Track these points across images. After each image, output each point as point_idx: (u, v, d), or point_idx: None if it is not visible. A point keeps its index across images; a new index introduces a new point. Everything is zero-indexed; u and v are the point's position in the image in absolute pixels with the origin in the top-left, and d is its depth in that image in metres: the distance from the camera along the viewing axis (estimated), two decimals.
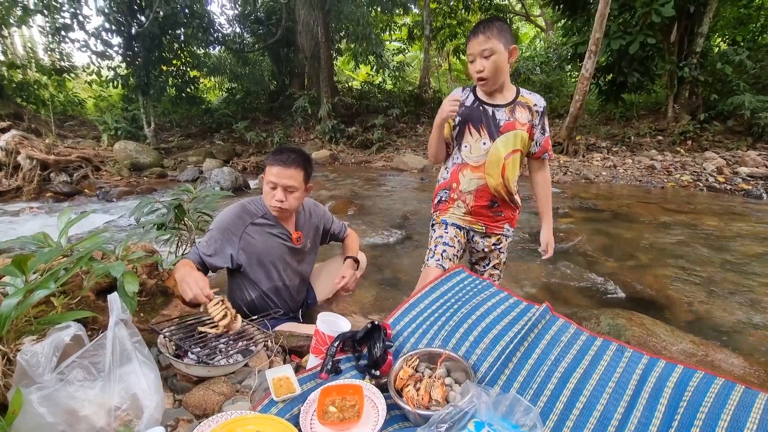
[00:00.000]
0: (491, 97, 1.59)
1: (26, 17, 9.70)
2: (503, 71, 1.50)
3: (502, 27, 1.46)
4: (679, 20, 8.15)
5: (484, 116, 1.58)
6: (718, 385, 0.91)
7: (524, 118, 1.58)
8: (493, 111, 1.58)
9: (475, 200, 1.63)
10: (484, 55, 1.46)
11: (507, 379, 1.04)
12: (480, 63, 1.48)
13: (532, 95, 1.62)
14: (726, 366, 1.52)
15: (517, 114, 1.58)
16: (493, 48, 1.45)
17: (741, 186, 5.94)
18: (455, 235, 1.67)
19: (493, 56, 1.46)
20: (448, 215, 1.70)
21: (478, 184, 1.62)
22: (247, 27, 13.01)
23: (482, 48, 1.45)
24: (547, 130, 1.65)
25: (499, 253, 1.75)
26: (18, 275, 0.95)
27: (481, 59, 1.47)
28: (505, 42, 1.46)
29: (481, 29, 1.46)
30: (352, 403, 0.97)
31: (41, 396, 0.75)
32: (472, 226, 1.69)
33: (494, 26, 1.45)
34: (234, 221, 1.62)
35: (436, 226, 1.73)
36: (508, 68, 1.52)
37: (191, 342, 1.20)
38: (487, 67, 1.47)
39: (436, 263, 1.63)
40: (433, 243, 1.69)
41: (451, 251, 1.64)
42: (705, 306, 2.46)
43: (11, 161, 6.40)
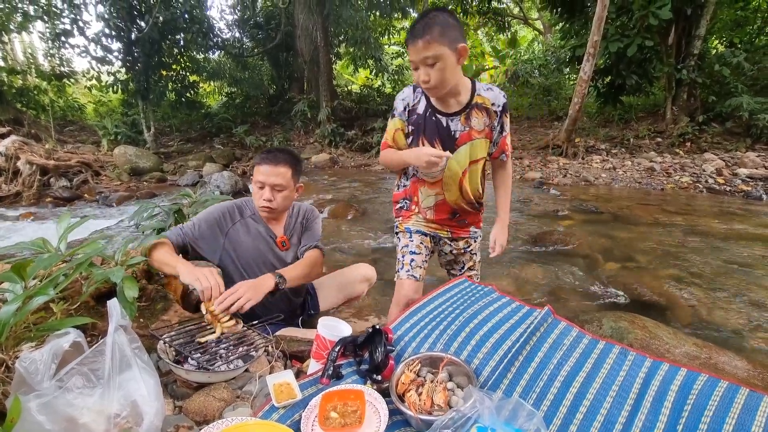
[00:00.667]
0: (444, 102, 1.41)
1: (26, 23, 9.73)
2: (452, 75, 1.30)
3: (445, 25, 1.23)
4: (677, 23, 8.19)
5: (438, 128, 1.43)
6: (722, 388, 0.91)
7: (481, 124, 1.43)
8: (447, 122, 1.42)
9: (436, 214, 1.57)
10: (427, 63, 1.26)
11: (509, 383, 1.03)
12: (424, 72, 1.27)
13: (490, 92, 1.44)
14: (730, 368, 1.51)
15: (473, 121, 1.42)
16: (437, 54, 1.24)
17: (741, 187, 5.94)
18: (421, 242, 1.59)
19: (437, 63, 1.25)
20: (411, 223, 1.62)
21: (437, 199, 1.54)
22: (247, 32, 13.07)
23: (423, 55, 1.25)
24: (506, 129, 1.50)
25: (471, 255, 1.68)
26: (17, 281, 0.94)
27: (425, 67, 1.27)
28: (449, 43, 1.24)
29: (420, 33, 1.23)
30: (353, 409, 0.97)
31: (40, 404, 0.74)
32: (437, 232, 1.63)
33: (435, 27, 1.22)
34: (222, 217, 1.60)
35: (401, 235, 1.64)
36: (458, 69, 1.32)
37: (191, 348, 1.19)
38: (432, 77, 1.27)
39: (407, 274, 1.56)
40: (401, 253, 1.61)
41: (419, 259, 1.57)
42: (707, 308, 2.45)
43: (11, 166, 6.40)
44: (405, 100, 1.47)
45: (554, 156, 8.50)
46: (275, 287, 1.44)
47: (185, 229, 1.55)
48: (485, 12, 13.57)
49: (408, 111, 1.47)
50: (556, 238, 3.70)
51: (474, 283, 1.45)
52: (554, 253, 3.51)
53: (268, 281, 1.42)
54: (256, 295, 1.34)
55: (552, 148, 8.72)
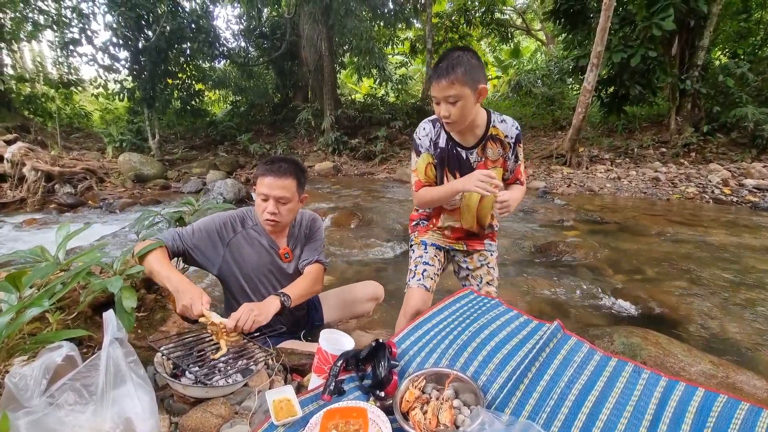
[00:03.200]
0: (462, 136, 1.51)
1: (36, 32, 9.90)
2: (471, 113, 1.39)
3: (469, 67, 1.30)
4: (680, 34, 8.22)
5: (459, 161, 1.52)
6: (743, 411, 0.86)
7: (495, 155, 1.52)
8: (467, 154, 1.51)
9: (453, 233, 1.67)
10: (449, 101, 1.34)
11: (518, 401, 0.99)
12: (445, 108, 1.36)
13: (504, 123, 1.51)
14: (748, 389, 1.45)
15: (488, 152, 1.51)
16: (459, 93, 1.32)
17: (748, 198, 5.88)
18: (435, 255, 1.67)
19: (459, 102, 1.33)
20: (427, 237, 1.71)
21: (453, 224, 1.65)
22: (252, 41, 13.24)
23: (446, 94, 1.33)
24: (520, 158, 1.58)
25: (489, 269, 1.69)
26: (12, 291, 0.91)
27: (447, 104, 1.35)
28: (471, 84, 1.32)
29: (444, 73, 1.31)
30: (356, 427, 0.92)
31: (29, 421, 0.71)
32: (452, 246, 1.69)
33: (459, 68, 1.29)
34: (223, 227, 1.55)
35: (415, 247, 1.72)
36: (476, 108, 1.41)
37: (190, 360, 1.15)
38: (453, 113, 1.36)
39: (418, 283, 1.61)
40: (413, 263, 1.67)
41: (431, 270, 1.63)
42: (718, 322, 2.39)
43: (16, 172, 6.44)
44: (428, 134, 1.54)
45: (558, 165, 8.47)
46: (281, 308, 1.42)
47: (183, 234, 1.49)
48: (488, 23, 13.70)
49: (432, 144, 1.54)
50: (561, 248, 3.65)
51: (480, 295, 1.41)
52: (560, 264, 3.46)
53: (274, 303, 1.41)
54: (264, 317, 1.33)
55: (556, 158, 8.70)
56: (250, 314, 1.27)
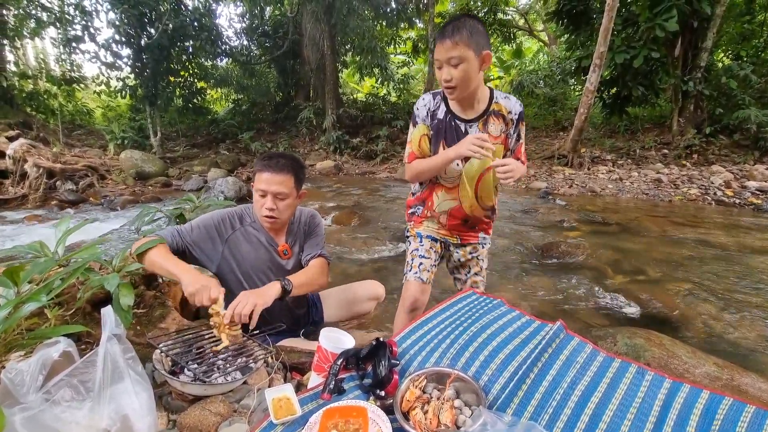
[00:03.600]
0: (463, 108, 1.46)
1: (39, 29, 9.91)
2: (473, 79, 1.35)
3: (473, 29, 1.28)
4: (683, 35, 8.19)
5: (457, 133, 1.46)
6: (749, 414, 0.85)
7: (497, 130, 1.47)
8: (466, 127, 1.46)
9: (449, 220, 1.60)
10: (451, 63, 1.30)
11: (520, 402, 0.98)
12: (447, 71, 1.32)
13: (508, 100, 1.48)
14: (754, 391, 1.44)
15: (490, 127, 1.46)
16: (462, 55, 1.28)
17: (750, 200, 5.86)
18: (431, 247, 1.64)
19: (461, 65, 1.30)
20: (423, 228, 1.66)
21: (452, 205, 1.57)
22: (254, 40, 13.24)
23: (449, 55, 1.29)
24: (521, 136, 1.53)
25: (478, 261, 1.68)
26: (9, 287, 0.91)
27: (449, 67, 1.31)
28: (476, 47, 1.29)
29: (449, 33, 1.28)
30: (355, 427, 0.91)
31: (25, 417, 0.70)
32: (446, 238, 1.66)
33: (464, 30, 1.27)
34: (222, 223, 1.53)
35: (411, 239, 1.69)
36: (479, 75, 1.37)
37: (188, 358, 1.14)
38: (454, 76, 1.32)
39: (415, 276, 1.60)
40: (410, 256, 1.66)
41: (428, 263, 1.61)
42: (721, 324, 2.37)
43: (18, 169, 6.45)
44: (426, 105, 1.50)
45: (560, 166, 8.45)
46: (282, 292, 1.40)
47: (182, 231, 1.48)
48: (491, 23, 13.67)
49: (429, 116, 1.50)
50: (563, 249, 3.64)
51: (482, 295, 1.40)
52: (562, 264, 3.44)
53: (275, 286, 1.39)
54: (264, 300, 1.30)
55: (557, 158, 8.68)
56: (248, 299, 1.25)
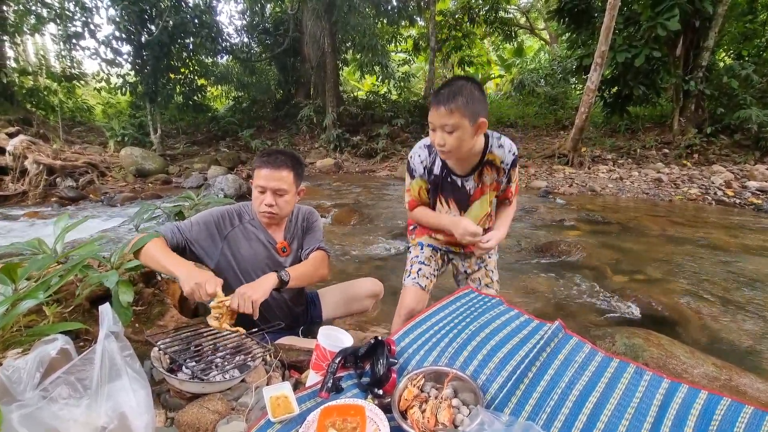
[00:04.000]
0: (458, 164, 1.47)
1: (39, 25, 9.89)
2: (467, 145, 1.34)
3: (470, 97, 1.26)
4: (685, 34, 8.16)
5: (453, 188, 1.51)
6: (747, 414, 0.85)
7: (490, 179, 1.51)
8: (462, 182, 1.50)
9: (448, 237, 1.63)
10: (446, 130, 1.29)
11: (518, 401, 0.98)
12: (441, 137, 1.31)
13: (501, 149, 1.46)
14: (752, 392, 1.44)
15: (485, 178, 1.49)
16: (456, 124, 1.27)
17: (751, 200, 5.85)
18: (431, 255, 1.66)
19: (455, 132, 1.29)
20: (424, 239, 1.70)
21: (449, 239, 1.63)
22: (255, 37, 13.21)
23: (443, 122, 1.28)
24: (513, 180, 1.55)
25: (488, 272, 1.66)
26: (7, 284, 0.90)
27: (443, 133, 1.31)
28: (471, 116, 1.27)
29: (444, 100, 1.26)
30: (353, 425, 0.91)
31: (22, 415, 0.70)
32: (449, 248, 1.67)
33: (460, 97, 1.25)
34: (221, 220, 1.53)
35: (412, 248, 1.72)
36: (474, 138, 1.35)
37: (187, 355, 1.14)
38: (448, 143, 1.31)
39: (413, 282, 1.60)
40: (409, 263, 1.68)
41: (427, 270, 1.62)
42: (720, 324, 2.37)
43: (18, 166, 6.44)
44: (423, 162, 1.52)
45: (560, 165, 8.44)
46: (279, 282, 1.40)
47: (182, 227, 1.48)
48: (492, 21, 13.63)
49: (426, 171, 1.53)
50: (563, 248, 3.63)
51: (481, 294, 1.40)
52: (561, 264, 3.44)
53: (270, 277, 1.39)
54: (261, 294, 1.30)
55: (558, 157, 8.67)
56: (245, 299, 1.25)
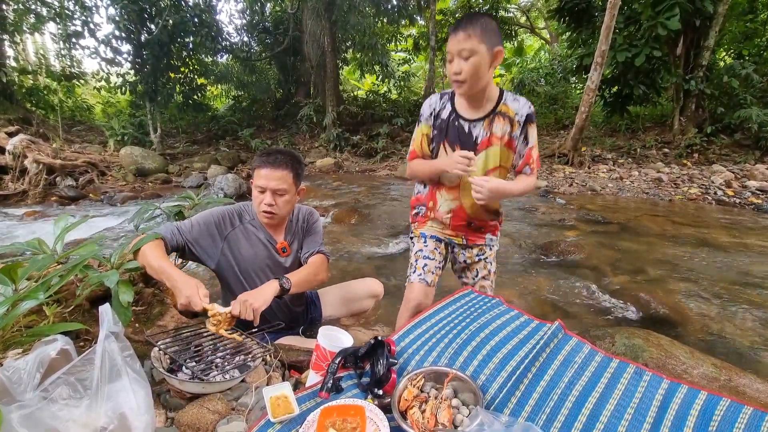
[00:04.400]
0: (469, 106, 1.44)
1: (39, 24, 9.88)
2: (483, 75, 1.33)
3: (487, 25, 1.28)
4: (685, 34, 8.15)
5: (460, 133, 1.45)
6: (746, 415, 0.85)
7: (501, 131, 1.43)
8: (470, 127, 1.45)
9: (452, 221, 1.58)
10: (462, 55, 1.29)
11: (518, 402, 0.98)
12: (458, 64, 1.31)
13: (516, 102, 1.44)
14: (752, 392, 1.44)
15: (494, 127, 1.43)
16: (474, 48, 1.27)
17: (751, 200, 5.85)
18: (435, 248, 1.62)
19: (472, 58, 1.29)
20: (426, 228, 1.65)
21: (453, 205, 1.55)
22: (255, 36, 13.19)
23: (461, 47, 1.28)
24: (531, 140, 1.47)
25: (486, 263, 1.65)
26: (7, 284, 0.90)
27: (460, 60, 1.30)
28: (488, 42, 1.28)
29: (463, 26, 1.28)
30: (353, 426, 0.91)
31: (22, 415, 0.70)
32: (451, 239, 1.63)
33: (478, 24, 1.27)
34: (222, 220, 1.53)
35: (415, 240, 1.68)
36: (490, 72, 1.35)
37: (187, 356, 1.15)
38: (464, 70, 1.30)
39: (419, 278, 1.59)
40: (414, 257, 1.65)
41: (432, 264, 1.60)
42: (720, 324, 2.37)
43: (18, 165, 6.44)
44: (432, 105, 1.51)
45: (560, 165, 8.44)
46: (281, 290, 1.40)
47: (182, 228, 1.48)
48: None
49: (433, 116, 1.50)
50: (562, 248, 3.64)
51: (480, 294, 1.40)
52: (561, 263, 3.44)
53: (272, 285, 1.39)
54: (262, 302, 1.31)
55: (558, 157, 8.66)
56: (246, 305, 1.26)
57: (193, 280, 1.25)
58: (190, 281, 1.24)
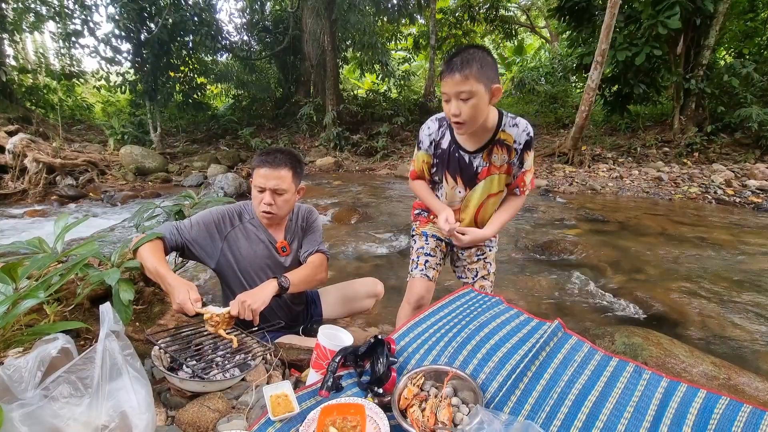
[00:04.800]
0: (468, 139, 1.43)
1: (38, 23, 9.86)
2: (483, 113, 1.31)
3: (483, 62, 1.24)
4: (686, 32, 8.14)
5: (460, 163, 1.46)
6: (745, 414, 0.85)
7: (501, 161, 1.44)
8: (470, 158, 1.44)
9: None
10: (461, 97, 1.25)
11: (517, 400, 0.98)
12: (456, 106, 1.27)
13: (515, 128, 1.40)
14: (750, 391, 1.45)
15: (494, 157, 1.43)
16: (472, 90, 1.23)
17: (751, 199, 5.85)
18: (436, 246, 1.68)
19: (471, 99, 1.24)
20: (428, 228, 1.70)
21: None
22: (255, 35, 13.17)
23: (459, 90, 1.24)
24: (526, 165, 1.46)
25: (486, 264, 1.67)
26: (8, 283, 0.91)
27: (458, 101, 1.26)
28: (486, 81, 1.24)
29: (458, 67, 1.23)
30: (353, 424, 0.92)
31: (23, 414, 0.70)
32: (451, 239, 1.62)
33: (474, 63, 1.22)
34: (221, 220, 1.54)
35: (417, 237, 1.72)
36: (489, 109, 1.34)
37: (187, 354, 1.15)
38: (464, 112, 1.26)
39: (421, 273, 1.65)
40: (416, 254, 1.70)
41: (433, 261, 1.66)
42: (720, 323, 2.38)
43: (18, 164, 6.44)
44: (431, 135, 1.49)
45: (560, 164, 8.44)
46: (279, 289, 1.40)
47: (181, 228, 1.48)
48: (492, 19, 13.61)
49: (433, 145, 1.51)
50: (562, 247, 3.64)
51: (480, 293, 1.40)
52: (561, 262, 3.45)
53: (271, 285, 1.40)
54: (261, 302, 1.32)
55: (558, 156, 8.66)
56: (244, 306, 1.27)
57: (186, 284, 1.25)
58: (182, 286, 1.23)
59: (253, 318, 1.28)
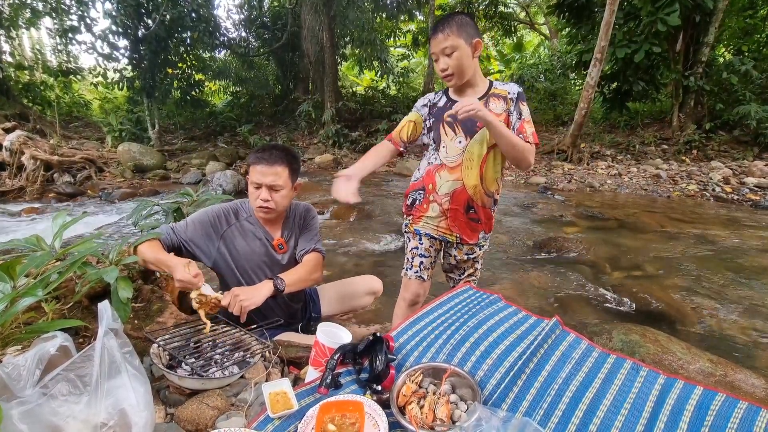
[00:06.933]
0: (463, 94, 1.54)
1: (35, 19, 9.79)
2: (469, 66, 1.46)
3: (462, 22, 1.42)
4: (685, 30, 8.14)
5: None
6: (741, 410, 0.86)
7: (499, 108, 1.51)
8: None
9: (451, 203, 1.56)
10: (445, 53, 1.43)
11: (515, 397, 0.99)
12: (443, 61, 1.45)
13: (507, 85, 1.55)
14: (747, 387, 1.46)
15: (491, 105, 1.51)
16: (454, 44, 1.41)
17: (749, 196, 5.87)
18: (430, 245, 1.68)
19: (455, 53, 1.42)
20: (422, 224, 1.65)
21: (455, 186, 1.55)
22: (253, 31, 13.09)
23: (442, 46, 1.43)
24: (524, 114, 1.52)
25: (474, 263, 1.71)
26: (6, 281, 0.90)
27: (444, 57, 1.44)
28: (466, 37, 1.42)
29: (440, 27, 1.43)
30: (352, 421, 0.92)
31: (22, 411, 0.70)
32: (445, 236, 1.63)
33: (453, 22, 1.42)
34: (217, 218, 1.54)
35: (410, 236, 1.71)
36: (474, 63, 1.48)
37: (186, 352, 1.15)
38: (450, 65, 1.44)
39: (416, 275, 1.68)
40: (410, 254, 1.71)
41: (427, 261, 1.69)
42: (717, 320, 2.39)
43: (15, 161, 6.41)
44: (427, 98, 1.63)
45: (559, 161, 8.44)
46: (275, 290, 1.41)
47: (177, 228, 1.49)
48: (491, 16, 13.56)
49: (428, 107, 1.61)
50: (561, 244, 3.65)
51: (479, 291, 1.40)
52: (559, 260, 3.45)
53: (266, 286, 1.41)
54: (254, 301, 1.34)
55: (557, 153, 8.67)
56: (236, 300, 1.30)
57: (183, 260, 1.30)
58: (180, 263, 1.29)
59: (240, 315, 1.30)
